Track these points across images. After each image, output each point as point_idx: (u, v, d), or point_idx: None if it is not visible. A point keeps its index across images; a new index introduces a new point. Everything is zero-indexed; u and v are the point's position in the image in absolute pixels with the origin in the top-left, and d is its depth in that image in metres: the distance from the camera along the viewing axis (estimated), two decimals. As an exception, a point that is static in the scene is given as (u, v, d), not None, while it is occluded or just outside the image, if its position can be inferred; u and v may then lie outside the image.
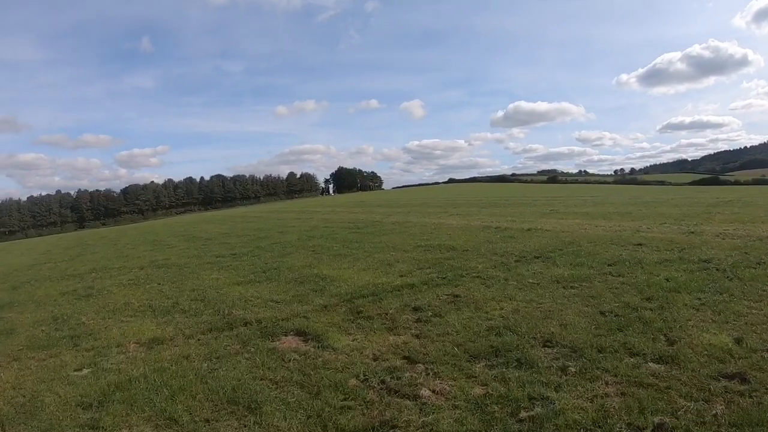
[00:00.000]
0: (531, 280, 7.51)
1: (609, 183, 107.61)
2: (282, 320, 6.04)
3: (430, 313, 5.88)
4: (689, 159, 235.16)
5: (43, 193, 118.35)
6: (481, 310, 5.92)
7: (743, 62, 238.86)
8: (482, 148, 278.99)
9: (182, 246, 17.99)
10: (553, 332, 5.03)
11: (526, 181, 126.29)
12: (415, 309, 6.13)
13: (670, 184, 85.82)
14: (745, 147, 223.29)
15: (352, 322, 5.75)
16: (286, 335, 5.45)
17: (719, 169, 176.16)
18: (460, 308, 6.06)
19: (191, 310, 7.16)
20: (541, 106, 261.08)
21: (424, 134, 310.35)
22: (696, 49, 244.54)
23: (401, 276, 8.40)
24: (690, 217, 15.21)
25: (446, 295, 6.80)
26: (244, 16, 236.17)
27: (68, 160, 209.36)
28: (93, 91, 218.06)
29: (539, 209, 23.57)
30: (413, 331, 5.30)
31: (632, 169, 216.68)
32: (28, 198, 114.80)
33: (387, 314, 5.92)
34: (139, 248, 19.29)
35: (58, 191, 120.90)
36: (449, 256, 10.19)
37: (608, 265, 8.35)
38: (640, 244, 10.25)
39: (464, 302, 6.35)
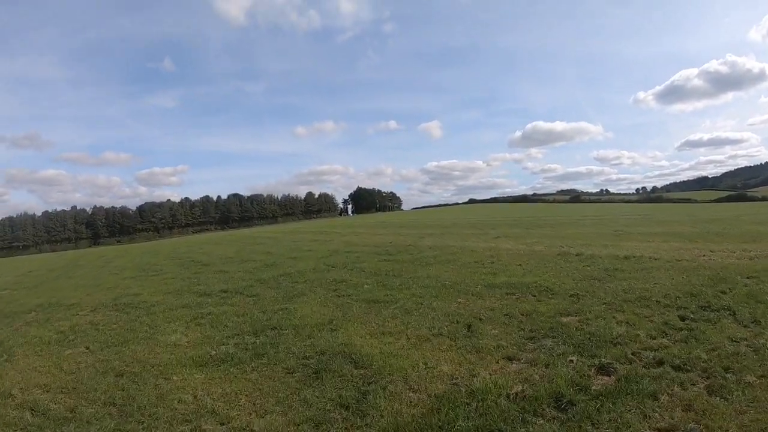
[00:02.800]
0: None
1: (633, 201, 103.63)
2: None
3: None
4: (709, 176, 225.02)
5: (59, 209, 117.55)
6: None
7: (761, 77, 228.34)
8: (500, 168, 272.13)
9: (171, 273, 14.34)
10: None
11: (548, 201, 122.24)
12: None
13: (697, 201, 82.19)
14: (765, 162, 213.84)
15: None
16: None
17: (740, 185, 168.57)
18: None
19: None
20: (559, 125, 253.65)
21: (443, 155, 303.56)
22: (713, 65, 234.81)
23: (509, 359, 4.49)
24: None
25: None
26: (264, 36, 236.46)
27: (89, 176, 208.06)
28: (115, 110, 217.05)
29: (598, 230, 19.73)
30: None
31: (654, 188, 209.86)
32: (43, 213, 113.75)
33: None
34: (122, 274, 15.80)
35: (74, 207, 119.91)
36: (559, 308, 6.28)
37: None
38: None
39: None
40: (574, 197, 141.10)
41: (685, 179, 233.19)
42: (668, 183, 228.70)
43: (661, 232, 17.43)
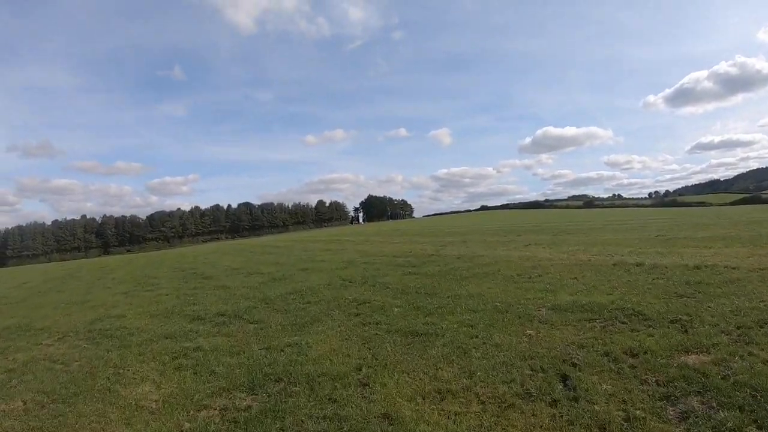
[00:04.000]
0: None
1: (648, 206, 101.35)
2: None
3: None
4: (721, 179, 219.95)
5: (69, 218, 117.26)
6: None
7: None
8: (510, 174, 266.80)
9: (167, 288, 12.71)
10: None
11: (561, 207, 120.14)
12: None
13: (712, 204, 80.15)
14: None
15: None
16: None
17: (753, 187, 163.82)
18: None
19: None
20: (569, 130, 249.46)
21: (453, 162, 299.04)
22: (723, 67, 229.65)
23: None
24: None
25: None
26: (273, 45, 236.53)
27: (101, 186, 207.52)
28: (126, 118, 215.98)
29: (637, 235, 17.78)
30: None
31: (666, 191, 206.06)
32: (53, 222, 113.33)
33: None
34: (115, 288, 14.26)
35: (83, 216, 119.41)
36: (670, 342, 4.68)
37: None
38: None
39: None
40: (587, 202, 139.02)
41: (696, 182, 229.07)
42: (680, 186, 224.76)
43: (708, 236, 15.50)
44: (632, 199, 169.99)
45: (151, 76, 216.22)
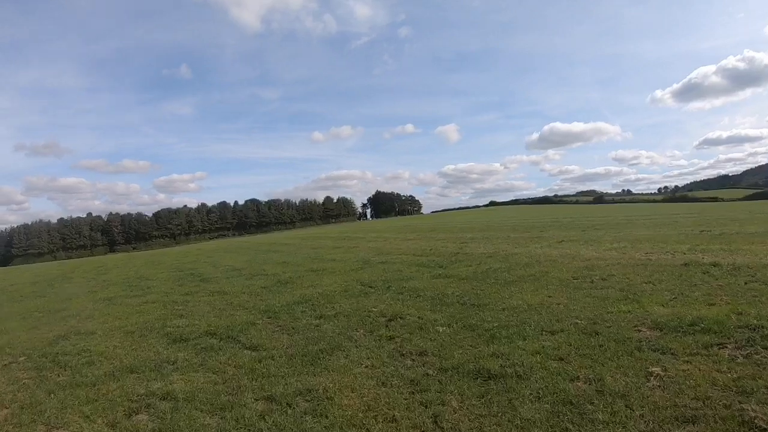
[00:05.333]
0: None
1: (659, 201, 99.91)
2: None
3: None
4: (730, 174, 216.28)
5: (76, 216, 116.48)
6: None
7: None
8: (518, 170, 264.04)
9: (156, 293, 11.09)
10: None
11: (571, 202, 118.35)
12: None
13: (723, 200, 78.91)
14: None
15: None
16: None
17: (762, 182, 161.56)
18: None
19: None
20: (577, 126, 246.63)
21: (460, 158, 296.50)
22: (731, 61, 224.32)
23: None
24: None
25: None
26: (279, 43, 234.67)
27: (108, 184, 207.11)
28: (132, 117, 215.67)
29: (678, 230, 16.02)
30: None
31: (675, 187, 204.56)
32: (58, 220, 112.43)
33: None
34: (101, 293, 12.62)
35: (89, 214, 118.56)
36: None
37: None
38: None
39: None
40: (598, 198, 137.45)
41: (705, 178, 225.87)
42: (688, 182, 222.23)
43: (761, 231, 13.76)
44: (643, 194, 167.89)
45: (157, 74, 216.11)
